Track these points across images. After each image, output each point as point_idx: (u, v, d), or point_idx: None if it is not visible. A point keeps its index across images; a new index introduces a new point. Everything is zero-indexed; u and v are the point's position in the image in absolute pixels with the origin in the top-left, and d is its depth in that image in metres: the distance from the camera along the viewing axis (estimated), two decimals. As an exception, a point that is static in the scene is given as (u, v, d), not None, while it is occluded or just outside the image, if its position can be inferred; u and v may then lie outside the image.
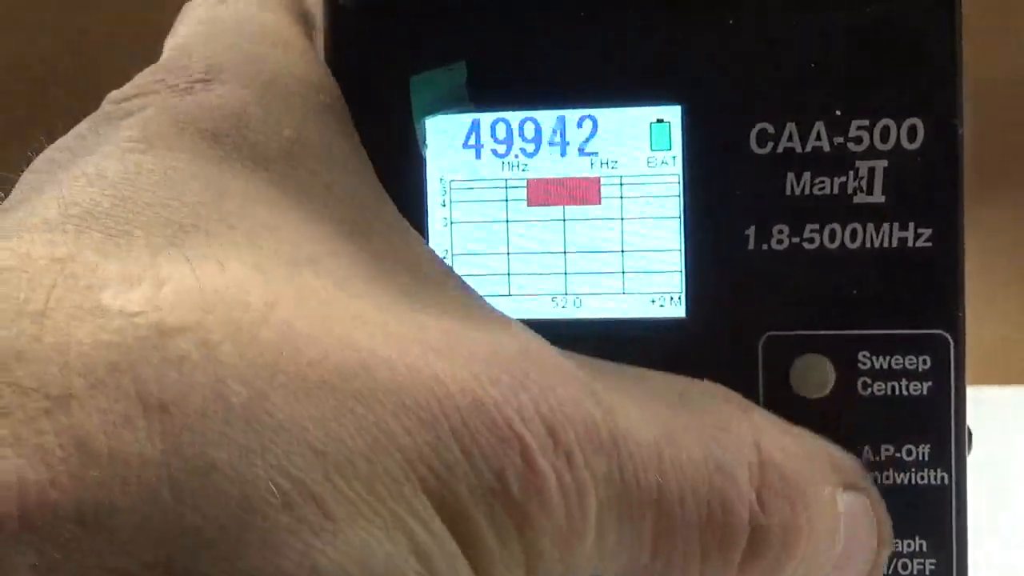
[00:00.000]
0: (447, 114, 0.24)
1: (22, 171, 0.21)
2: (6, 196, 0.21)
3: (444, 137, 0.24)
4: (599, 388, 0.20)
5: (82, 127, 0.22)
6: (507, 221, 0.24)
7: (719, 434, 0.21)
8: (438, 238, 0.24)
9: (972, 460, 0.24)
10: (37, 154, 0.22)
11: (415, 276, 0.21)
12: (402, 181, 0.24)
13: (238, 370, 0.17)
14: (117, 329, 0.17)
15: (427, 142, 0.24)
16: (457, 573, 0.18)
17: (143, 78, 0.22)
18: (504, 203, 0.24)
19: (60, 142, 0.22)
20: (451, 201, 0.24)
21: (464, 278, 0.24)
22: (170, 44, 0.24)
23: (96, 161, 0.20)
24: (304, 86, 0.23)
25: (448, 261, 0.24)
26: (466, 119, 0.24)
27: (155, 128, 0.21)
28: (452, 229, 0.24)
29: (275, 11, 0.25)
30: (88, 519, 0.16)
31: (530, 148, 0.24)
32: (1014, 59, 0.63)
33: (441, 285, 0.22)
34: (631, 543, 0.20)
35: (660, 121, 0.24)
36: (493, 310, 0.22)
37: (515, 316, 0.24)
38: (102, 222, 0.19)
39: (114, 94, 0.22)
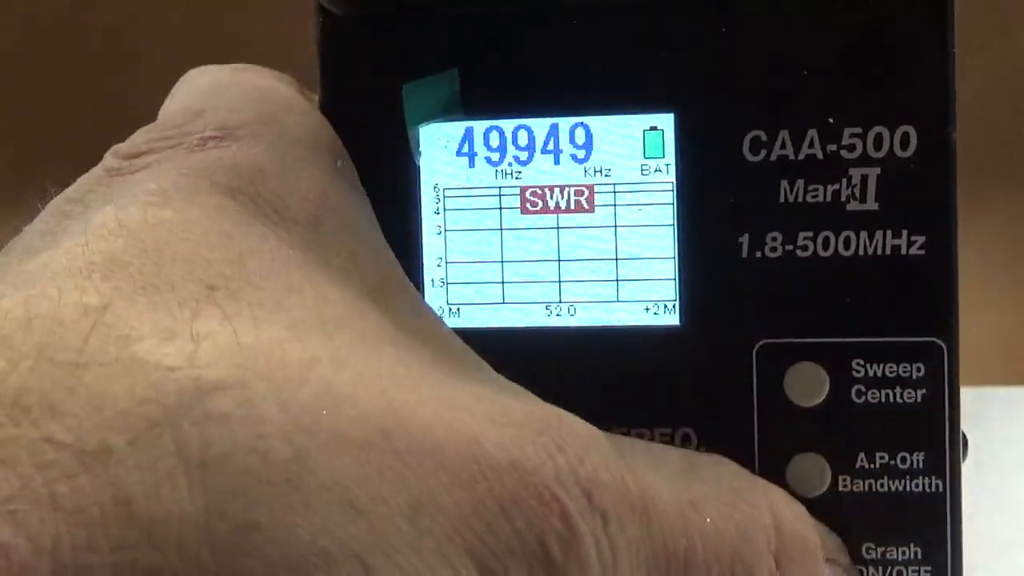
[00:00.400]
0: (440, 121, 0.24)
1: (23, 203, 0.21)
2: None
3: (437, 145, 0.24)
4: (625, 454, 0.20)
5: (89, 180, 0.21)
6: (501, 229, 0.24)
7: (737, 501, 0.22)
8: (431, 246, 0.24)
9: (973, 460, 0.24)
10: (44, 203, 0.21)
11: (434, 347, 0.21)
12: (395, 189, 0.24)
13: (280, 428, 0.17)
14: (155, 383, 0.17)
15: (420, 149, 0.24)
16: None
17: (149, 134, 0.22)
18: (498, 211, 0.24)
19: (69, 193, 0.21)
20: (444, 209, 0.24)
21: (458, 286, 0.24)
22: (171, 106, 0.24)
23: (114, 212, 0.20)
24: (319, 149, 0.23)
25: (441, 269, 0.24)
26: (459, 127, 0.24)
27: (171, 182, 0.20)
28: (446, 237, 0.24)
29: (281, 80, 0.25)
30: None
31: (523, 156, 0.24)
32: (1009, 64, 0.63)
33: (461, 357, 0.22)
34: None
35: (653, 129, 0.24)
36: (512, 384, 0.22)
37: (509, 325, 0.24)
38: (128, 271, 0.18)
39: (120, 148, 0.22)
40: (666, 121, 0.24)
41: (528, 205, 0.24)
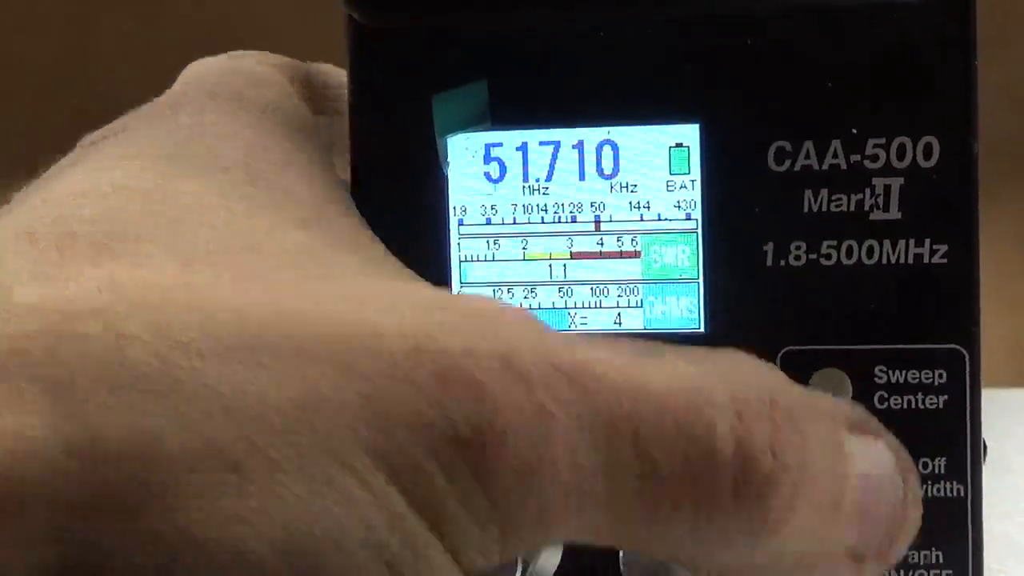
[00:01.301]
0: (469, 132, 0.25)
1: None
2: None
3: (463, 159, 0.25)
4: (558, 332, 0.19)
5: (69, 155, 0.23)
6: (526, 237, 0.25)
7: (695, 363, 0.20)
8: (458, 251, 0.25)
9: (986, 463, 0.24)
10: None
11: (367, 260, 0.21)
12: (424, 199, 0.25)
13: (143, 341, 0.17)
14: (19, 320, 0.17)
15: (449, 160, 0.25)
16: (407, 531, 0.17)
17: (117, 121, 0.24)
18: (525, 224, 0.25)
19: (51, 169, 0.23)
20: (470, 221, 0.25)
21: (483, 291, 0.25)
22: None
23: (53, 185, 0.21)
24: (264, 107, 0.24)
25: (469, 274, 0.25)
26: (485, 141, 0.25)
27: (112, 151, 0.22)
28: (472, 246, 0.25)
29: (265, 64, 0.26)
30: None
31: (549, 171, 0.24)
32: (1012, 68, 0.63)
33: (389, 265, 0.21)
34: (613, 481, 0.18)
35: (679, 146, 0.24)
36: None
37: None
38: (34, 233, 0.19)
39: (85, 138, 0.23)
40: (691, 132, 0.24)
41: (554, 218, 0.25)
